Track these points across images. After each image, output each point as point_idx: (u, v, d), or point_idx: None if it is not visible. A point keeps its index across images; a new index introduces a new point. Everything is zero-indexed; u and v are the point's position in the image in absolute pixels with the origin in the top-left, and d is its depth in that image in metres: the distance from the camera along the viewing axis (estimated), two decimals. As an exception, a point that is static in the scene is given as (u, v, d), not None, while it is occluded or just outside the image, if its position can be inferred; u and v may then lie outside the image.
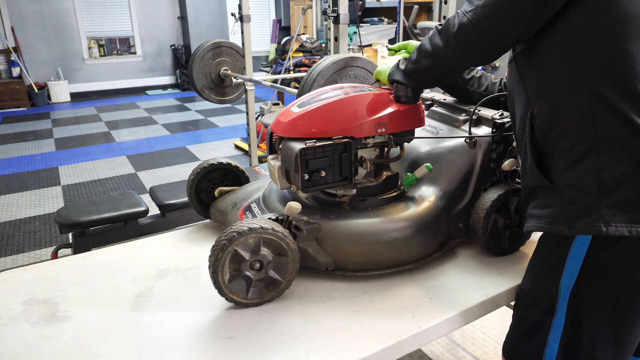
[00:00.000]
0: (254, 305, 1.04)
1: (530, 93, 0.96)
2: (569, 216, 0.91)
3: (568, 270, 0.94)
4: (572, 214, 0.90)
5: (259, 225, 0.99)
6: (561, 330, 0.97)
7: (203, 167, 1.41)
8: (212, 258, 0.98)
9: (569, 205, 0.91)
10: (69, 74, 8.50)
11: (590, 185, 0.88)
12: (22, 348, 0.94)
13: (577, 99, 0.88)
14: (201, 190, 1.43)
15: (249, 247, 1.00)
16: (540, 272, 1.01)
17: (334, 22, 2.67)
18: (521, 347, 1.06)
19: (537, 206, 0.98)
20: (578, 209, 0.90)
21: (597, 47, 0.85)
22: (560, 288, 0.95)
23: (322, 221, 1.12)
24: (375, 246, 1.12)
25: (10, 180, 4.57)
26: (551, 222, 0.94)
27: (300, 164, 1.04)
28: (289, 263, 1.04)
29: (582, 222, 0.89)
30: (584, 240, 0.91)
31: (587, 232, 0.89)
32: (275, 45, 7.01)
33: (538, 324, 1.01)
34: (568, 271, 0.94)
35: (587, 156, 0.88)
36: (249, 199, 1.32)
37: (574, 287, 0.94)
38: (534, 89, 0.96)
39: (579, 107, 0.88)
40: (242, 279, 1.01)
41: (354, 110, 1.11)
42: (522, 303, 1.08)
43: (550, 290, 0.97)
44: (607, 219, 0.87)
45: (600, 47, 0.85)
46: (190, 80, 4.16)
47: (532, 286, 1.03)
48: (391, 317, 1.02)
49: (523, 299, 1.08)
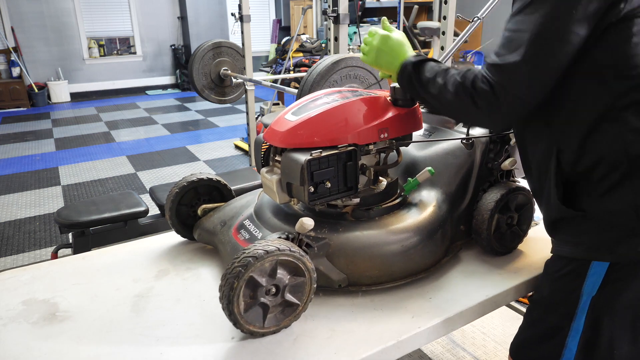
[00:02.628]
0: (271, 333, 0.97)
1: (554, 129, 0.94)
2: (609, 242, 0.91)
3: (591, 277, 0.94)
4: (612, 239, 0.90)
5: (276, 247, 0.91)
6: (580, 334, 0.96)
7: (182, 186, 1.29)
8: (226, 288, 0.89)
9: (607, 232, 0.91)
10: (69, 74, 8.50)
11: (628, 210, 0.88)
12: (22, 348, 0.94)
13: (607, 129, 0.87)
14: (182, 210, 1.31)
15: (265, 272, 0.92)
16: (561, 278, 1.00)
17: (334, 22, 2.67)
18: (534, 349, 1.05)
19: (570, 233, 0.97)
20: (617, 234, 0.90)
21: (624, 77, 0.85)
22: (582, 294, 0.95)
23: (331, 235, 1.07)
24: (389, 258, 1.08)
25: (10, 180, 4.57)
26: (589, 249, 0.93)
27: (306, 176, 0.99)
28: (305, 284, 0.97)
29: (623, 248, 0.89)
30: None
31: (630, 257, 0.89)
32: (275, 45, 7.00)
33: (556, 327, 1.00)
34: (591, 278, 0.94)
35: (623, 183, 0.87)
36: (240, 215, 1.24)
37: (596, 293, 0.94)
38: (559, 125, 0.93)
39: (610, 136, 0.87)
40: (259, 306, 0.94)
41: (357, 115, 1.07)
42: (538, 306, 1.07)
43: (571, 296, 0.97)
44: None
45: (627, 78, 0.85)
46: (190, 80, 4.16)
47: (551, 291, 1.03)
48: (391, 317, 1.02)
49: (540, 302, 1.07)
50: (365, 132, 1.06)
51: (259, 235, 1.12)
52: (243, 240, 1.14)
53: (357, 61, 2.20)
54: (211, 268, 1.22)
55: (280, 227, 1.11)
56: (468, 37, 2.14)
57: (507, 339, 2.23)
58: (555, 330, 1.00)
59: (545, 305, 1.04)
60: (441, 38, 2.51)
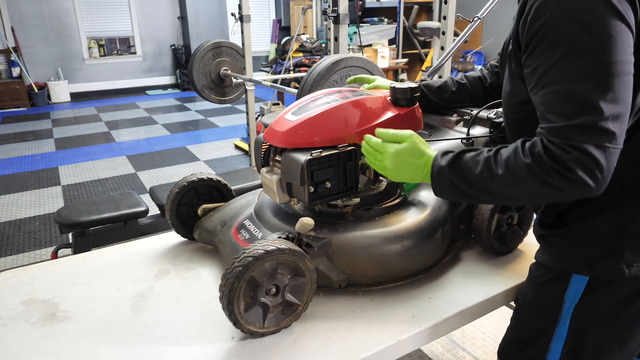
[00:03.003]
0: (271, 333, 0.97)
1: None
2: (590, 258, 0.90)
3: (575, 284, 0.93)
4: (593, 256, 0.90)
5: (276, 247, 0.91)
6: (564, 339, 0.96)
7: (182, 186, 1.29)
8: (227, 288, 0.89)
9: (588, 248, 0.90)
10: (69, 74, 8.50)
11: (612, 228, 0.87)
12: (22, 348, 0.94)
13: None
14: (182, 210, 1.32)
15: (265, 272, 0.92)
16: (544, 283, 0.99)
17: (334, 22, 2.67)
18: (519, 350, 1.05)
19: (552, 244, 0.97)
20: (599, 251, 0.89)
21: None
22: (565, 300, 0.94)
23: (332, 235, 1.07)
24: (389, 257, 1.08)
25: (10, 180, 4.57)
26: (570, 263, 0.93)
27: (306, 176, 0.99)
28: (306, 284, 0.97)
29: (602, 264, 0.89)
30: None
31: (608, 274, 0.88)
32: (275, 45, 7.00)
33: (539, 331, 1.00)
34: (574, 285, 0.93)
35: (610, 204, 0.87)
36: (240, 215, 1.24)
37: (580, 300, 0.93)
38: None
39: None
40: (259, 306, 0.94)
41: (356, 115, 1.07)
42: (522, 309, 1.07)
43: (554, 301, 0.96)
44: (629, 260, 0.87)
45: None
46: (190, 80, 4.16)
47: (535, 295, 1.02)
48: (391, 317, 1.02)
49: (524, 305, 1.06)
50: (365, 132, 1.06)
51: (259, 235, 1.12)
52: (243, 240, 1.14)
53: (357, 61, 2.20)
54: (211, 268, 1.22)
55: (280, 227, 1.11)
56: (468, 37, 2.14)
57: (507, 339, 2.23)
58: (539, 334, 0.99)
59: (529, 308, 1.04)
60: (441, 38, 2.51)
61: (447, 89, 1.29)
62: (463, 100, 1.30)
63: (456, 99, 1.29)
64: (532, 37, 0.80)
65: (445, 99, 1.30)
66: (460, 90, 1.29)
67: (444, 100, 1.30)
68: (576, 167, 0.74)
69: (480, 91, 1.28)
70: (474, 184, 0.85)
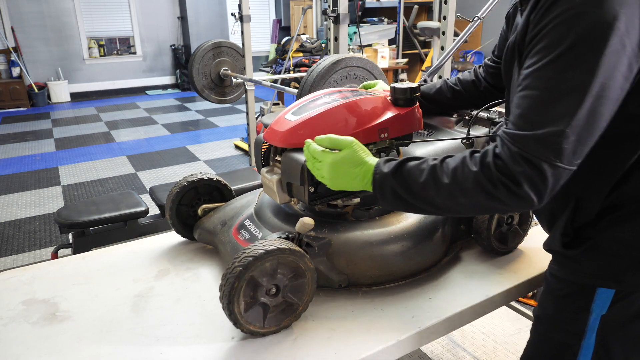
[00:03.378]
0: (271, 333, 0.97)
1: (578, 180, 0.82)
2: (616, 271, 0.87)
3: (601, 296, 0.88)
4: (619, 268, 0.86)
5: (276, 247, 0.91)
6: (591, 352, 0.92)
7: (183, 186, 1.29)
8: (227, 287, 0.89)
9: (613, 261, 0.86)
10: (69, 74, 8.50)
11: (636, 240, 0.84)
12: (22, 348, 0.94)
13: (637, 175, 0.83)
14: (182, 210, 1.31)
15: (265, 272, 0.92)
16: (566, 296, 0.94)
17: (334, 22, 2.67)
18: None
19: (568, 257, 0.92)
20: (626, 263, 0.86)
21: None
22: (592, 312, 0.90)
23: (332, 235, 1.06)
24: (389, 257, 1.08)
25: (10, 180, 4.57)
26: (593, 276, 0.88)
27: (307, 176, 0.98)
28: (306, 284, 0.97)
29: (630, 276, 0.86)
30: None
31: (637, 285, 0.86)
32: (275, 45, 7.00)
33: (564, 345, 0.95)
34: (601, 297, 0.88)
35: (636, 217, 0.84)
36: (240, 215, 1.24)
37: (607, 311, 0.89)
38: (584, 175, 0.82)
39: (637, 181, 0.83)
40: (259, 306, 0.94)
41: (356, 115, 1.06)
42: (543, 323, 1.01)
43: (579, 314, 0.91)
44: None
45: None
46: (190, 80, 4.16)
47: (556, 308, 0.96)
48: (391, 317, 1.02)
49: (545, 319, 1.00)
50: (365, 132, 1.06)
51: (259, 235, 1.12)
52: (243, 240, 1.14)
53: (357, 61, 2.20)
54: (211, 268, 1.22)
55: (280, 227, 1.11)
56: (468, 37, 2.14)
57: (507, 339, 2.23)
58: (564, 347, 0.95)
59: (550, 322, 0.98)
60: (441, 38, 2.51)
61: (442, 98, 1.30)
62: (459, 107, 1.31)
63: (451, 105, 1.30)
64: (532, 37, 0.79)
65: (441, 106, 1.31)
66: (455, 97, 1.29)
67: (440, 108, 1.32)
68: (523, 181, 0.73)
69: (475, 96, 1.27)
70: (417, 194, 0.83)
